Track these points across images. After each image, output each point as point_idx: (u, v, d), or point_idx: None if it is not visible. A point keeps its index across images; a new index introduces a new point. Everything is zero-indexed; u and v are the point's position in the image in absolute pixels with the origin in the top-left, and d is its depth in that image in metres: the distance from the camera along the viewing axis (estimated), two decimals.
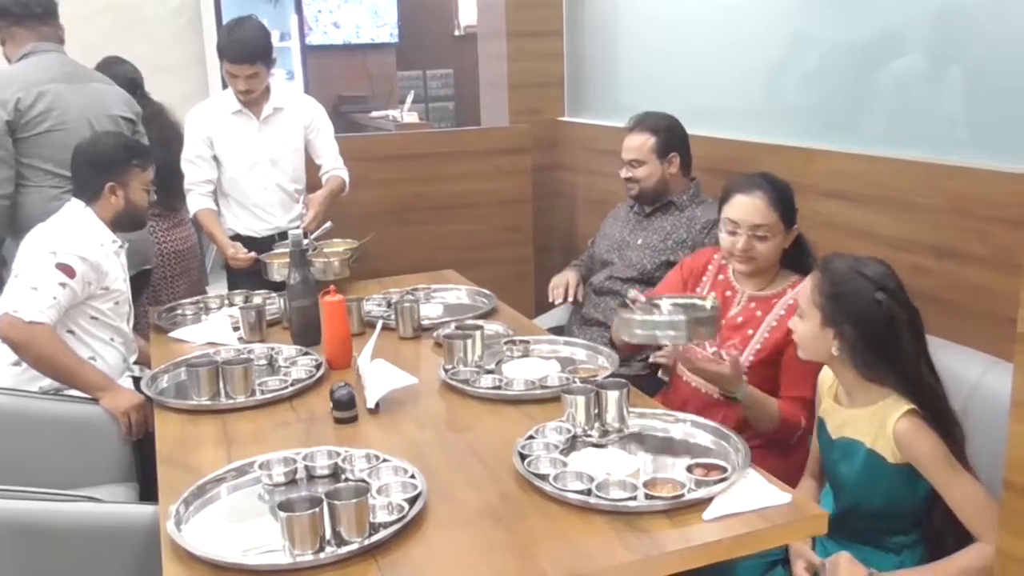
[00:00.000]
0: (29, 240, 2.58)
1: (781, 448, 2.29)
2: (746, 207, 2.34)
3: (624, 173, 3.11)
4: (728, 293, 2.47)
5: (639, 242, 3.10)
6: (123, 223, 2.71)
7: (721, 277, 2.51)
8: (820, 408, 2.06)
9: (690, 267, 2.60)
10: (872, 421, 1.87)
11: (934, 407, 1.83)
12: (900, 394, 1.85)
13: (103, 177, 2.64)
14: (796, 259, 2.42)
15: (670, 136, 3.07)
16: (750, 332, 2.35)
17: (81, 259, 2.50)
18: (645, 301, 2.22)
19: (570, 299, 3.25)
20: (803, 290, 1.98)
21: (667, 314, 2.17)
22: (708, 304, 2.20)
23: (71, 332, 2.56)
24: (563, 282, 3.28)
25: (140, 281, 3.27)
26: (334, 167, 3.43)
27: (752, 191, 2.35)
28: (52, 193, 3.01)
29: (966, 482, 1.77)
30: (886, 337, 1.85)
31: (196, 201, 3.30)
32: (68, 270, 2.47)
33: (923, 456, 1.79)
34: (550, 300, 3.29)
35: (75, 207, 2.66)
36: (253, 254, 3.18)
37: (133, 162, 2.69)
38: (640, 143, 3.07)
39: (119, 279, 2.66)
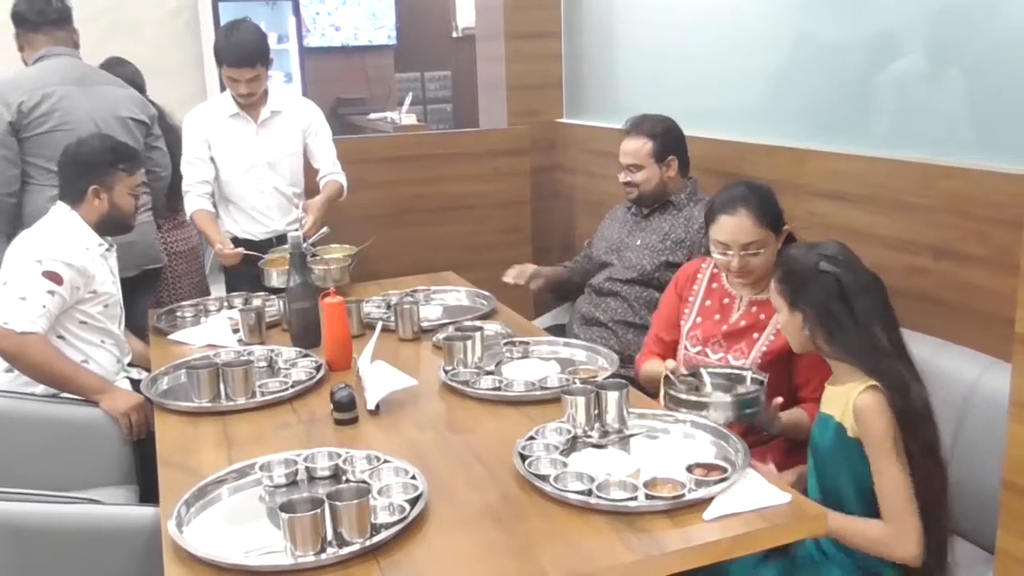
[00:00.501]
0: (15, 247, 2.57)
1: (791, 443, 2.30)
2: (733, 228, 2.32)
3: (622, 177, 3.11)
4: (726, 301, 2.46)
5: (638, 243, 3.10)
6: (107, 227, 2.68)
7: (715, 285, 2.51)
8: None
9: (682, 283, 2.60)
10: (843, 396, 1.90)
11: (889, 377, 1.84)
12: (859, 367, 1.87)
13: (86, 179, 2.62)
14: None
15: (667, 139, 3.06)
16: (755, 336, 2.35)
17: (67, 265, 2.49)
18: (686, 372, 2.21)
19: (520, 282, 3.35)
20: (771, 285, 2.04)
21: (711, 391, 2.14)
22: (748, 377, 2.17)
23: (61, 337, 2.56)
24: (518, 269, 3.36)
25: (146, 280, 3.27)
26: (332, 171, 3.43)
27: (736, 210, 2.33)
28: (52, 193, 3.01)
29: (896, 470, 1.80)
30: (837, 306, 1.89)
31: (193, 202, 3.29)
32: (55, 277, 2.46)
33: (870, 432, 1.83)
34: (503, 278, 3.38)
35: (60, 210, 2.65)
36: (240, 250, 3.16)
37: (119, 166, 2.66)
38: (637, 147, 3.06)
39: (107, 282, 2.65)
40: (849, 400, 1.86)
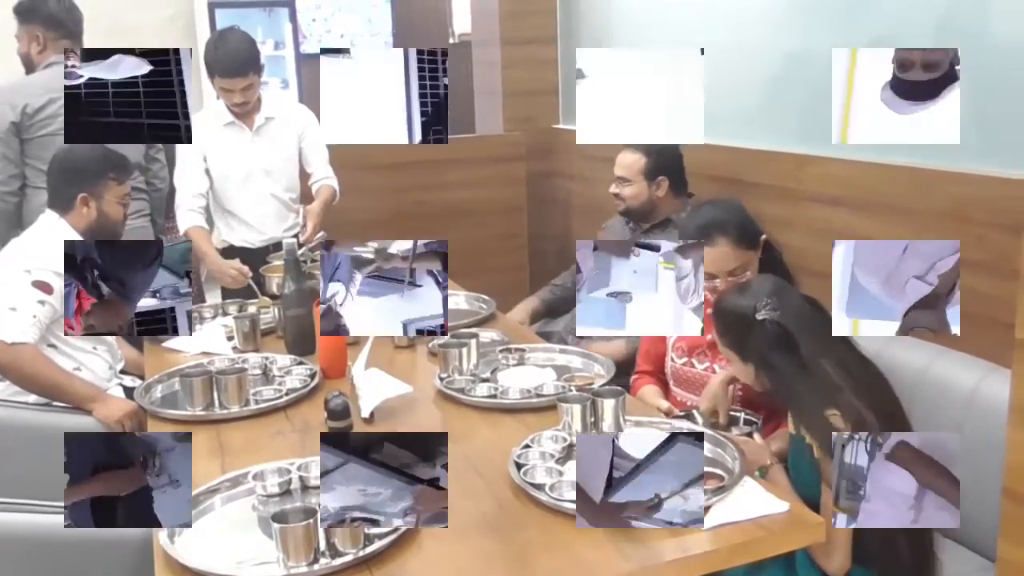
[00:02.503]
0: (3, 257, 2.55)
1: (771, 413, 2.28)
2: (716, 258, 2.29)
3: (612, 188, 3.12)
4: (709, 311, 2.44)
5: None
6: (96, 236, 2.63)
7: None
8: None
9: None
10: None
11: (845, 411, 1.83)
12: (805, 417, 1.87)
13: (76, 187, 2.59)
14: (769, 263, 2.38)
15: (660, 159, 3.02)
16: None
17: (56, 274, 2.46)
18: (680, 413, 2.21)
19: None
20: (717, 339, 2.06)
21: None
22: (741, 418, 2.16)
23: (52, 346, 2.54)
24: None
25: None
26: (324, 175, 3.42)
27: (714, 240, 2.29)
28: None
29: None
30: (778, 356, 1.90)
31: (187, 218, 3.25)
32: (45, 287, 2.44)
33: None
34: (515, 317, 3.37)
35: (49, 219, 2.62)
36: (246, 269, 3.14)
37: (109, 174, 2.64)
38: (630, 162, 3.05)
39: None
40: None
